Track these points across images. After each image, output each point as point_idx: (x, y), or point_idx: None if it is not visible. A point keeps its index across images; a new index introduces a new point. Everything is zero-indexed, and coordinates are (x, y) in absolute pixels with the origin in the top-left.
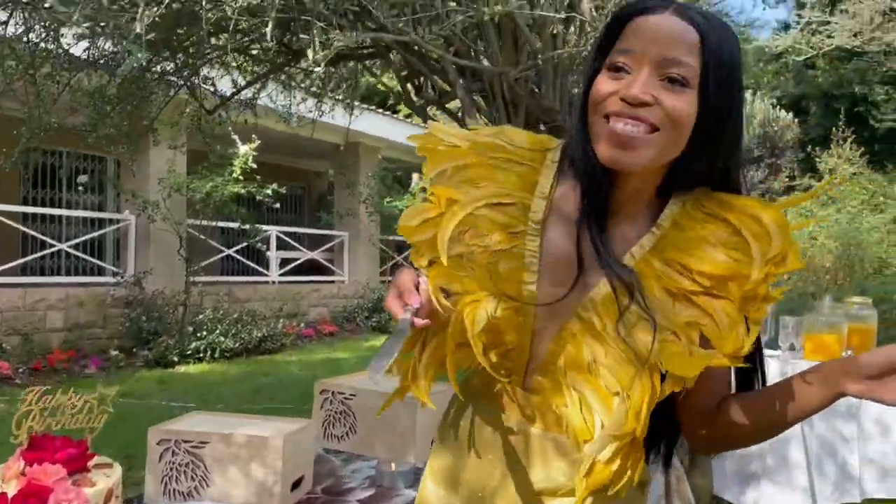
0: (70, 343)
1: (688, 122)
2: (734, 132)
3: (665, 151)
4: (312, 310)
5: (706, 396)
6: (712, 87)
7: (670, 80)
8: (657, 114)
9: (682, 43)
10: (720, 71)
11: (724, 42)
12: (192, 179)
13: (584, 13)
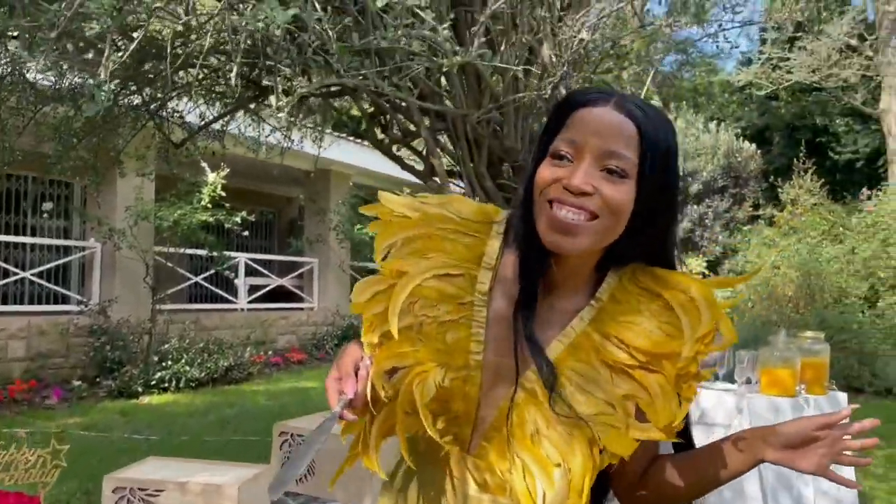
0: (31, 373)
1: (625, 210)
2: (670, 215)
3: (603, 237)
4: (281, 337)
5: (638, 462)
6: (648, 178)
7: (609, 172)
8: (597, 202)
9: (621, 136)
10: (656, 162)
11: (660, 133)
12: (160, 207)
13: (544, 58)
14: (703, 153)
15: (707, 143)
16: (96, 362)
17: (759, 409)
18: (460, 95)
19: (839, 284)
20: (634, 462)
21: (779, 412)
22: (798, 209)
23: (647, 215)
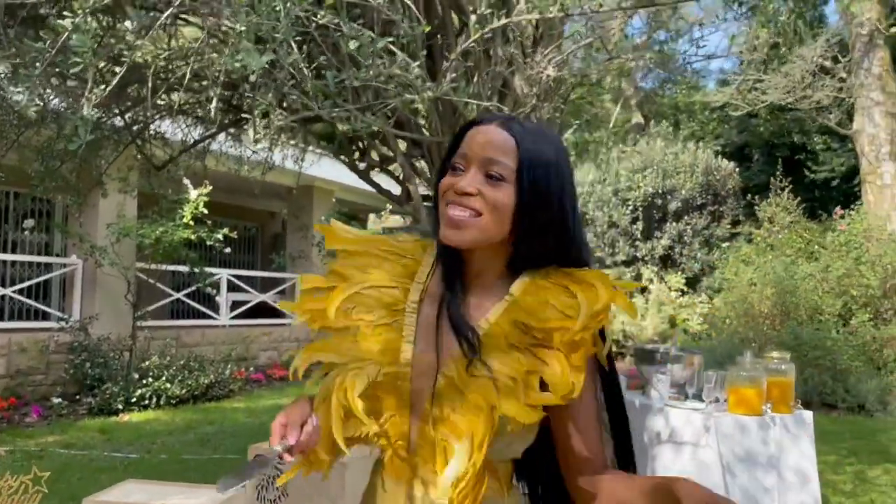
0: (10, 391)
1: (504, 208)
2: (560, 218)
3: (487, 231)
4: (262, 353)
5: (577, 456)
6: (526, 182)
7: (490, 177)
8: (480, 202)
9: (500, 148)
10: (534, 170)
11: (538, 146)
12: (142, 225)
13: (516, 89)
14: (681, 171)
15: (686, 162)
16: (76, 379)
17: (726, 428)
18: (436, 123)
19: (814, 302)
20: (575, 456)
21: (745, 430)
22: (775, 227)
23: (532, 217)
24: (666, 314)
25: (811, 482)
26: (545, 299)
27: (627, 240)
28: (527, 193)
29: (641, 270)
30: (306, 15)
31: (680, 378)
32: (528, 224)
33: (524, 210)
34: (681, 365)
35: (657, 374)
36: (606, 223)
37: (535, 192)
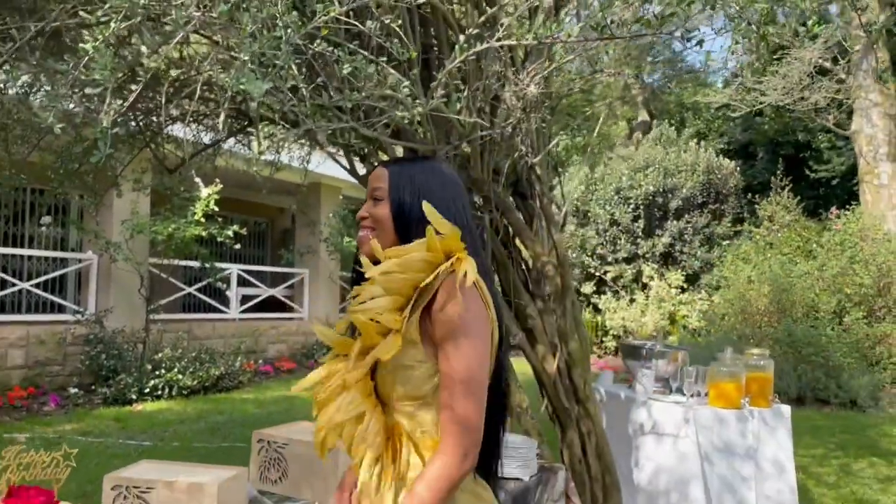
0: (29, 380)
1: (385, 219)
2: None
3: (382, 240)
4: (271, 346)
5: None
6: (394, 196)
7: (374, 199)
8: (370, 221)
9: (377, 178)
10: (398, 187)
11: (405, 170)
12: (155, 221)
13: (506, 101)
14: (683, 170)
15: (687, 161)
16: (92, 370)
17: (705, 420)
18: (431, 131)
19: (810, 299)
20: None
21: (724, 423)
22: (774, 225)
23: (400, 214)
24: (665, 311)
25: (787, 472)
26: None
27: (629, 237)
28: (396, 207)
29: (642, 268)
30: (304, 43)
31: (664, 373)
32: (404, 229)
33: (399, 214)
34: (665, 360)
35: (642, 369)
36: (608, 221)
37: (403, 205)
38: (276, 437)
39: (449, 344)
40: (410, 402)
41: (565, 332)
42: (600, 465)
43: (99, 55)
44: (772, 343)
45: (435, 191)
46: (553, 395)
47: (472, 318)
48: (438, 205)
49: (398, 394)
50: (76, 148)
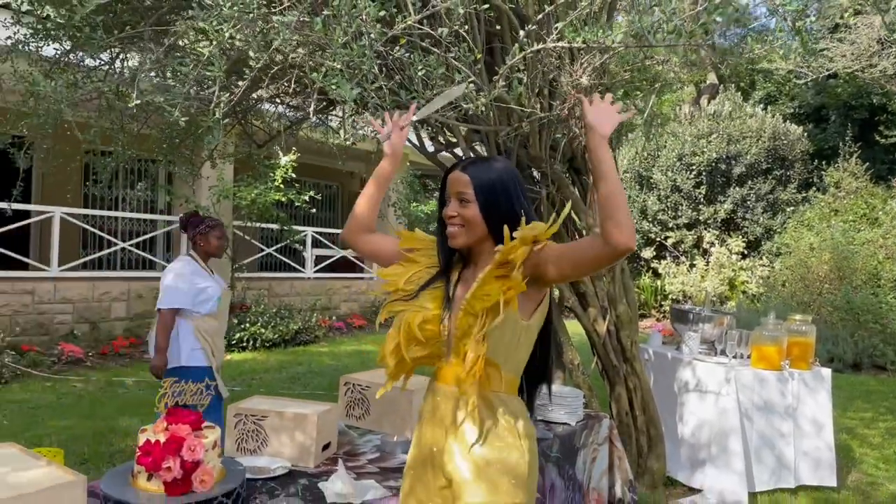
0: (130, 331)
1: (474, 219)
2: (513, 214)
3: (470, 234)
4: (343, 304)
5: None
6: (480, 199)
7: (460, 202)
8: (459, 219)
9: (461, 183)
10: (482, 191)
11: (485, 175)
12: (239, 188)
13: (562, 85)
14: (748, 136)
15: (753, 127)
16: None
17: (746, 380)
18: (494, 115)
19: (872, 267)
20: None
21: (764, 383)
22: (841, 192)
23: (494, 218)
24: (725, 277)
25: (826, 431)
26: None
27: (690, 203)
28: (484, 207)
29: (703, 233)
30: (385, 50)
31: (710, 336)
32: (494, 223)
33: (488, 214)
34: (711, 324)
35: (689, 332)
36: (670, 187)
37: (491, 205)
38: (360, 380)
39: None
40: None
41: (614, 297)
42: (645, 417)
43: (216, 59)
44: (830, 310)
45: (510, 189)
46: (602, 354)
47: None
48: (514, 199)
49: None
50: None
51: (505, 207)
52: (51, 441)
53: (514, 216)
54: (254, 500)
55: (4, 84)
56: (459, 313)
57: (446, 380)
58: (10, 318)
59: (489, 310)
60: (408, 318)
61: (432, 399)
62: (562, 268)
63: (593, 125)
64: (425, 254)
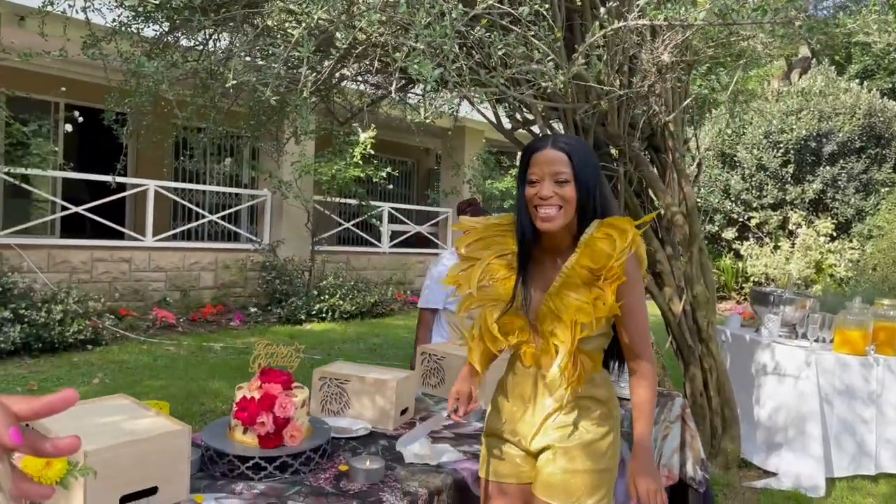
0: (218, 299)
1: (572, 200)
2: (603, 197)
3: (566, 217)
4: (418, 279)
5: (629, 345)
6: (581, 180)
7: (558, 182)
8: (557, 200)
9: (560, 161)
10: (583, 171)
11: (582, 155)
12: (320, 164)
13: (643, 62)
14: (840, 113)
15: (846, 103)
16: (268, 293)
17: (828, 364)
18: (573, 92)
19: None
20: (627, 341)
21: (846, 368)
22: None
23: (586, 200)
24: (812, 259)
25: None
26: (597, 245)
27: (776, 183)
28: (582, 187)
29: (789, 214)
30: (466, 29)
31: (792, 318)
32: (586, 205)
33: (583, 197)
34: (793, 307)
35: (769, 314)
36: (755, 165)
37: (587, 185)
38: (437, 351)
39: (633, 297)
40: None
41: (691, 277)
42: (720, 399)
43: (304, 40)
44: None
45: (600, 176)
46: (678, 334)
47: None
48: (601, 182)
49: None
50: (266, 105)
51: (596, 189)
52: (148, 399)
53: (601, 200)
54: (338, 457)
55: (109, 64)
56: (543, 308)
57: (529, 361)
58: (110, 284)
59: (581, 322)
60: (484, 314)
61: (513, 376)
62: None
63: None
64: (483, 244)
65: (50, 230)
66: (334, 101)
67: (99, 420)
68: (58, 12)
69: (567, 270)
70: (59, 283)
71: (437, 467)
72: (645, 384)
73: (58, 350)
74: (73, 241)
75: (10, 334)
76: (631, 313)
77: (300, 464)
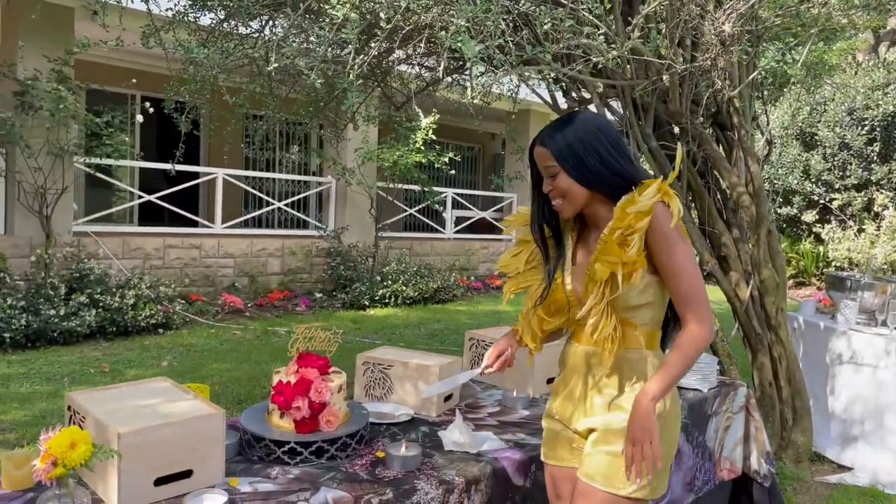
0: (284, 285)
1: (569, 186)
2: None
3: (573, 203)
4: (482, 265)
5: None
6: (567, 167)
7: (551, 176)
8: (557, 192)
9: (544, 157)
10: (564, 158)
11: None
12: (382, 150)
13: (704, 34)
14: None
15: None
16: (333, 279)
17: None
18: (633, 68)
19: None
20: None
21: None
22: None
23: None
24: None
25: None
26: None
27: (860, 162)
28: (574, 171)
29: (875, 195)
30: (511, 4)
31: (871, 305)
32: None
33: (582, 179)
34: (872, 292)
35: (846, 300)
36: (837, 145)
37: (580, 167)
38: (484, 337)
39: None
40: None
41: (759, 261)
42: (791, 389)
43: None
44: None
45: (594, 143)
46: (745, 321)
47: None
48: (604, 152)
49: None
50: (323, 91)
51: (595, 164)
52: (212, 381)
53: (611, 169)
54: (376, 443)
55: (168, 53)
56: (585, 278)
57: (580, 339)
58: (181, 270)
59: (606, 281)
60: (531, 293)
61: (568, 356)
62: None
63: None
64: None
65: (129, 218)
66: (391, 86)
67: (138, 402)
68: (113, 2)
69: (604, 237)
70: (133, 269)
71: (477, 456)
72: (680, 343)
73: (130, 333)
74: (147, 229)
75: (86, 318)
76: (670, 268)
77: (336, 449)
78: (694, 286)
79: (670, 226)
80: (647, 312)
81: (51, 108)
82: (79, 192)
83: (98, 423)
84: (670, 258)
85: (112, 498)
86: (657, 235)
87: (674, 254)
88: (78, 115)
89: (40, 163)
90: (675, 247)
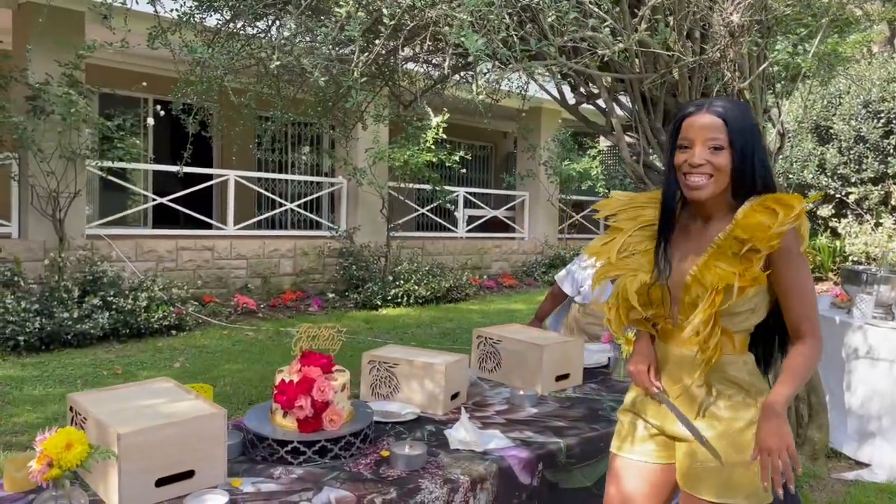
0: (297, 286)
1: (725, 168)
2: (761, 164)
3: (717, 186)
4: (494, 264)
5: (788, 318)
6: (737, 146)
7: (712, 148)
8: (709, 168)
9: (714, 127)
10: (740, 137)
11: (739, 119)
12: (393, 150)
13: (713, 26)
14: None
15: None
16: (345, 279)
17: None
18: (641, 61)
19: None
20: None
21: None
22: None
23: (743, 168)
24: None
25: None
26: (756, 220)
27: (877, 155)
28: (738, 154)
29: (892, 189)
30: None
31: (887, 299)
32: (741, 173)
33: (738, 165)
34: (889, 286)
35: (861, 294)
36: (853, 138)
37: (743, 153)
38: (492, 335)
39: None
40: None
41: None
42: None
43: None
44: None
45: (759, 141)
46: None
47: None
48: (764, 151)
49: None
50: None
51: (754, 159)
52: (224, 382)
53: (766, 167)
54: (381, 442)
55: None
56: (688, 278)
57: (670, 340)
58: (194, 272)
59: (722, 289)
60: (624, 283)
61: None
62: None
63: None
64: (629, 215)
65: (143, 221)
66: (399, 85)
67: (139, 403)
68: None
69: (719, 241)
70: (146, 271)
71: (483, 454)
72: (803, 351)
73: (143, 335)
74: (159, 231)
75: (99, 320)
76: (792, 288)
77: (340, 448)
78: (813, 305)
79: (800, 250)
80: (748, 320)
81: (62, 112)
82: (93, 196)
83: (98, 424)
84: (794, 280)
85: (113, 499)
86: (784, 256)
87: (798, 275)
88: (90, 119)
89: (53, 167)
90: (800, 268)
